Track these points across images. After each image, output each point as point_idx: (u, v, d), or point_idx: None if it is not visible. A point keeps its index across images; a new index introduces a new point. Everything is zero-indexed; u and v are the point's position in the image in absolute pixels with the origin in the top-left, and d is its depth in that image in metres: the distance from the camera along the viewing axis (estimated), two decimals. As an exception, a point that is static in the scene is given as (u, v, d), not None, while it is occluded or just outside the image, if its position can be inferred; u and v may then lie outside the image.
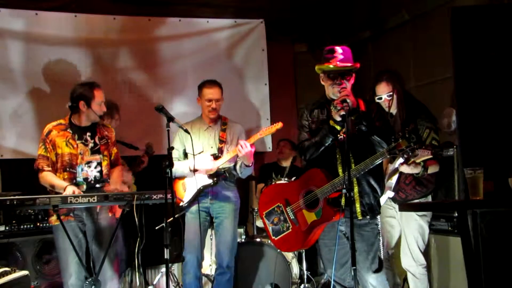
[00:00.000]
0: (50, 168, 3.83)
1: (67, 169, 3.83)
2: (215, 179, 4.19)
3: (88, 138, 3.94)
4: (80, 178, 3.86)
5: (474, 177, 2.81)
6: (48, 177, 3.81)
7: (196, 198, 4.19)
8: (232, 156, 4.17)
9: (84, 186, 3.86)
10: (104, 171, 3.96)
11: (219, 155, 4.25)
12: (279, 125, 4.25)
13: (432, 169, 3.80)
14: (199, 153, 4.24)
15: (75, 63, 5.29)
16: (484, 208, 3.05)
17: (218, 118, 4.41)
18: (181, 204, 4.26)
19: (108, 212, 3.92)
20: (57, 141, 3.85)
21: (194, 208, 4.21)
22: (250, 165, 4.17)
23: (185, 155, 4.34)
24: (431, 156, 3.54)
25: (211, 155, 4.24)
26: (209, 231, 4.58)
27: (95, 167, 3.92)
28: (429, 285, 4.14)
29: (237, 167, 4.26)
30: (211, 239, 4.82)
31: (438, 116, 4.59)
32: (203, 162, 4.15)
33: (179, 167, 4.20)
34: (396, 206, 4.12)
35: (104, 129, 4.05)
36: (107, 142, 4.02)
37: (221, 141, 4.32)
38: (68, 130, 3.91)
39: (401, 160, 3.71)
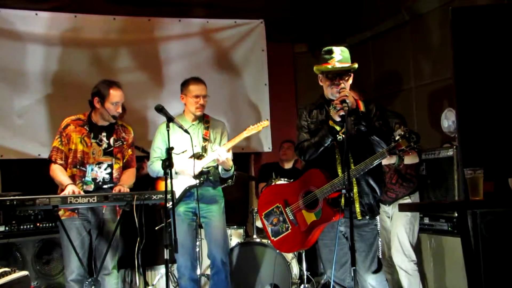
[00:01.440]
0: (62, 162, 3.85)
1: (78, 166, 3.84)
2: (200, 179, 4.13)
3: (103, 138, 3.94)
4: (88, 178, 3.87)
5: (474, 178, 2.82)
6: (56, 171, 3.83)
7: (181, 199, 4.16)
8: (211, 159, 4.12)
9: (92, 186, 3.87)
10: (115, 174, 3.95)
11: (203, 154, 4.19)
12: (265, 123, 4.23)
13: (409, 159, 3.83)
14: (183, 152, 4.17)
15: (75, 63, 5.29)
16: (484, 209, 3.05)
17: (200, 116, 4.31)
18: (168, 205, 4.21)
19: (114, 214, 3.92)
20: (72, 136, 3.86)
21: (180, 209, 4.16)
22: (229, 169, 4.15)
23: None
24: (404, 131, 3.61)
25: (194, 154, 4.11)
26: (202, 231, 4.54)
27: (105, 169, 3.93)
28: (428, 285, 4.16)
29: (220, 168, 4.21)
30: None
31: (437, 116, 4.60)
32: (188, 166, 4.06)
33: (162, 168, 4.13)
34: (388, 210, 4.14)
35: (122, 130, 4.03)
36: (122, 145, 4.00)
37: (205, 140, 4.24)
38: (85, 127, 3.91)
39: None
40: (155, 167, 4.17)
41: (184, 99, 4.29)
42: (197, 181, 4.11)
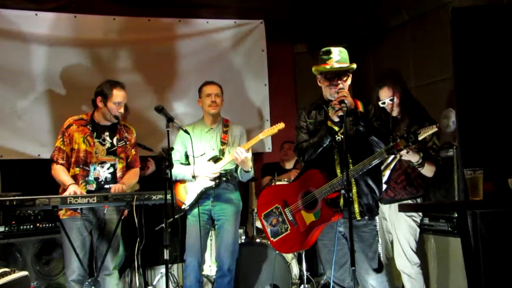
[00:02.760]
0: (64, 162, 3.86)
1: (81, 165, 3.85)
2: (216, 181, 4.19)
3: (107, 138, 3.95)
4: (91, 177, 3.87)
5: (474, 178, 2.81)
6: (58, 171, 3.84)
7: (198, 201, 4.19)
8: (229, 161, 4.19)
9: (94, 186, 3.88)
10: (118, 174, 3.96)
11: (221, 157, 4.25)
12: (280, 125, 4.26)
13: (428, 169, 3.77)
14: (201, 155, 4.24)
15: (75, 63, 5.29)
16: (484, 209, 3.05)
17: (220, 120, 4.41)
18: (182, 207, 4.26)
19: (117, 214, 3.92)
20: (75, 136, 3.87)
21: (195, 211, 4.21)
22: (249, 170, 4.17)
23: (187, 157, 4.34)
24: (436, 130, 3.51)
25: (211, 158, 4.24)
26: (210, 232, 4.58)
27: (108, 168, 3.93)
28: (428, 285, 4.15)
29: (238, 171, 4.27)
30: (210, 239, 4.82)
31: (437, 116, 4.60)
32: (205, 169, 4.15)
33: (181, 171, 4.20)
34: (385, 211, 4.12)
35: (125, 130, 4.05)
36: (125, 145, 4.02)
37: (223, 143, 4.32)
38: (88, 126, 3.92)
39: (392, 156, 3.72)
40: (173, 170, 4.20)
41: (200, 102, 4.40)
42: (213, 183, 4.17)
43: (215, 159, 4.24)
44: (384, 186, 3.96)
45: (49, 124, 5.14)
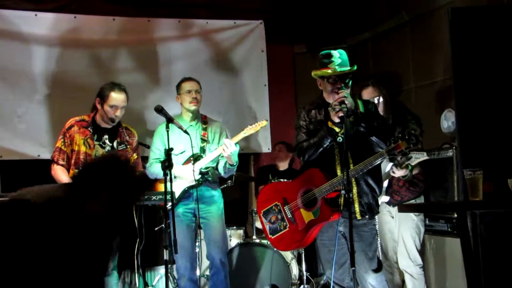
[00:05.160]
0: (64, 162, 3.86)
1: (80, 167, 3.84)
2: (199, 180, 4.12)
3: (106, 141, 3.93)
4: None
5: (473, 178, 2.82)
6: (58, 171, 3.85)
7: (180, 200, 4.15)
8: (215, 156, 4.11)
9: None
10: None
11: (202, 154, 4.19)
12: (263, 123, 4.24)
13: (416, 169, 3.85)
14: (181, 153, 4.17)
15: (75, 64, 5.28)
16: (484, 209, 3.05)
17: (198, 117, 4.33)
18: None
19: None
20: (76, 138, 3.86)
21: (180, 210, 4.14)
22: (234, 164, 4.11)
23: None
24: (427, 158, 3.57)
25: (192, 156, 4.14)
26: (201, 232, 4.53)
27: None
28: (428, 286, 4.15)
29: (220, 166, 4.17)
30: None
31: (437, 117, 4.60)
32: (186, 172, 4.08)
33: (161, 170, 4.12)
34: (392, 211, 4.13)
35: (126, 133, 4.03)
36: (125, 148, 3.99)
37: (203, 140, 4.24)
38: (89, 128, 3.91)
39: (390, 164, 3.75)
40: (154, 169, 4.15)
41: (179, 99, 4.32)
42: (195, 182, 4.11)
43: (196, 157, 4.16)
44: (387, 198, 3.98)
45: (49, 124, 5.13)
